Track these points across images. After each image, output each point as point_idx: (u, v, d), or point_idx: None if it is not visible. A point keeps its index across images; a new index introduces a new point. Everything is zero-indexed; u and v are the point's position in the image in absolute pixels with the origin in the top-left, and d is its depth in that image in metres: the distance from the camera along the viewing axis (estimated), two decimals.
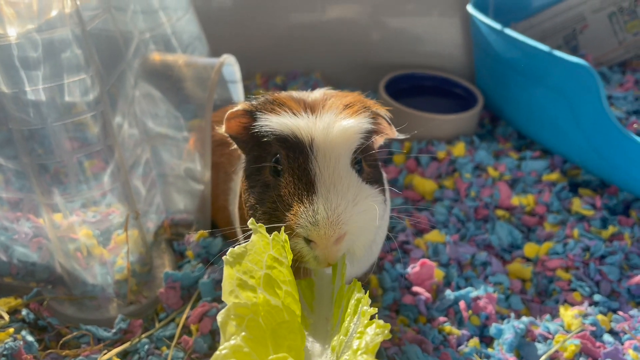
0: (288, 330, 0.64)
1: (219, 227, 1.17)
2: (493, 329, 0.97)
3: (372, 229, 0.77)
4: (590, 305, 1.04)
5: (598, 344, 0.94)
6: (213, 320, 0.95)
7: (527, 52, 1.37)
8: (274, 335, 0.63)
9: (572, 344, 0.93)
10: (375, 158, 0.84)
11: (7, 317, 0.96)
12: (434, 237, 1.20)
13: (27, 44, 0.81)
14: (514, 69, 1.45)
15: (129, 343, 0.93)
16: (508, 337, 0.94)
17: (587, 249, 1.15)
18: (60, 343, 0.93)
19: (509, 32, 1.39)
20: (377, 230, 0.80)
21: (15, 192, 0.94)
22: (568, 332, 0.98)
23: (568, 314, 1.01)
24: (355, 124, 0.76)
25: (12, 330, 0.92)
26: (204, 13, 1.52)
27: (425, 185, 1.36)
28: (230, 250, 0.65)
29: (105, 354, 0.91)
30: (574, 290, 1.08)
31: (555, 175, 1.36)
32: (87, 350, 0.92)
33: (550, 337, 0.96)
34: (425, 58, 1.80)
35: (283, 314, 0.65)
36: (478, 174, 1.39)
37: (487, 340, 0.99)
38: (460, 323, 1.01)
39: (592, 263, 1.11)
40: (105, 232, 0.98)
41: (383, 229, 0.90)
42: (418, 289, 1.05)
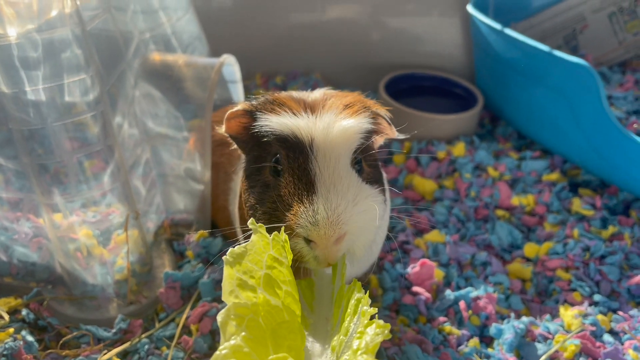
0: (288, 330, 0.64)
1: (219, 227, 1.17)
2: (493, 329, 0.97)
3: (372, 229, 0.77)
4: (590, 305, 1.04)
5: (598, 344, 0.94)
6: (213, 320, 0.95)
7: (527, 52, 1.37)
8: (274, 335, 0.63)
9: (572, 344, 0.93)
10: (375, 158, 0.84)
11: (7, 317, 0.96)
12: (434, 237, 1.20)
13: (27, 44, 0.81)
14: (514, 69, 1.45)
15: (129, 343, 0.93)
16: (508, 337, 0.94)
17: (587, 249, 1.15)
18: (60, 343, 0.93)
19: (509, 32, 1.39)
20: (377, 230, 0.80)
21: (15, 192, 0.94)
22: (568, 332, 0.98)
23: (568, 314, 1.01)
24: (355, 124, 0.76)
25: (12, 330, 0.92)
26: (204, 13, 1.52)
27: (425, 185, 1.36)
28: (230, 250, 0.65)
29: (105, 354, 0.91)
30: (574, 290, 1.08)
31: (555, 175, 1.36)
32: (87, 350, 0.92)
33: (550, 337, 0.96)
34: (425, 58, 1.80)
35: (283, 314, 0.65)
36: (478, 174, 1.39)
37: (487, 340, 0.99)
38: (460, 323, 1.01)
39: (592, 263, 1.11)
40: (105, 232, 0.98)
41: (383, 229, 0.90)
42: (418, 289, 1.05)
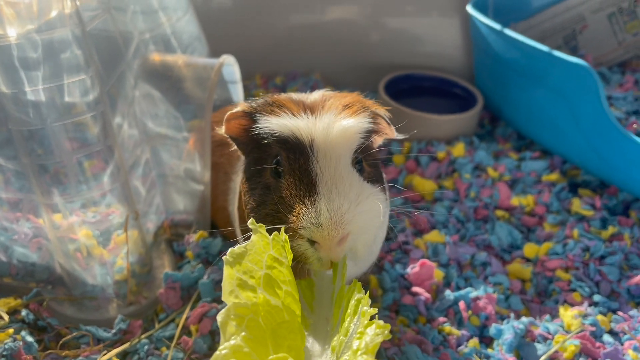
0: (288, 330, 0.64)
1: (219, 227, 1.17)
2: (493, 330, 0.97)
3: (374, 229, 0.77)
4: (590, 306, 1.04)
5: (598, 345, 0.94)
6: (213, 321, 0.95)
7: (526, 52, 1.37)
8: (274, 335, 0.63)
9: (571, 344, 0.93)
10: (375, 158, 0.84)
11: (6, 317, 0.96)
12: (434, 237, 1.20)
13: (27, 45, 0.81)
14: (514, 70, 1.45)
15: (129, 343, 0.93)
16: (508, 337, 0.94)
17: (586, 250, 1.15)
18: (60, 343, 0.93)
19: (509, 32, 1.39)
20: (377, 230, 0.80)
21: (15, 192, 0.94)
22: (568, 332, 0.98)
23: (568, 314, 1.01)
24: (355, 124, 0.76)
25: (11, 331, 0.92)
26: (204, 13, 1.52)
27: (425, 186, 1.36)
28: (230, 250, 0.65)
29: (105, 355, 0.90)
30: (574, 291, 1.08)
31: (555, 176, 1.36)
32: (86, 351, 0.92)
33: (550, 337, 0.96)
34: (425, 58, 1.80)
35: (283, 314, 0.65)
36: (478, 175, 1.39)
37: (486, 341, 0.99)
38: (460, 323, 1.01)
39: (591, 263, 1.11)
40: (105, 232, 0.98)
41: (383, 229, 0.90)
42: (418, 289, 1.05)
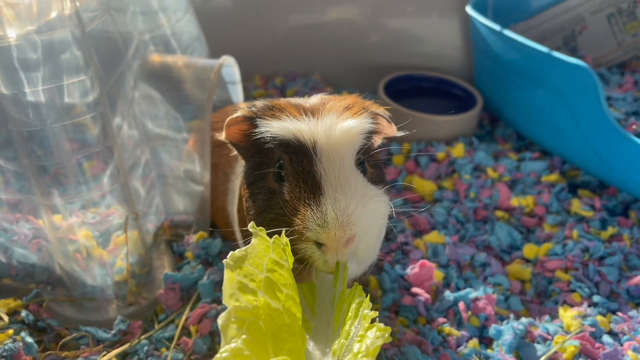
0: (289, 333, 0.64)
1: (219, 227, 1.17)
2: (492, 330, 0.97)
3: (377, 230, 0.77)
4: (590, 306, 1.04)
5: (597, 345, 0.94)
6: (212, 322, 0.95)
7: (526, 53, 1.37)
8: (275, 338, 0.63)
9: (571, 345, 0.93)
10: (377, 159, 0.85)
11: (6, 318, 0.96)
12: (434, 238, 1.20)
13: (26, 46, 0.81)
14: (513, 70, 1.45)
15: (129, 344, 0.93)
16: (507, 338, 0.94)
17: (586, 250, 1.15)
18: (60, 344, 0.93)
19: (508, 33, 1.39)
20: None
21: (15, 193, 0.94)
22: (567, 333, 0.98)
23: (567, 315, 1.01)
24: (357, 124, 0.76)
25: (11, 332, 0.92)
26: (204, 14, 1.52)
27: (425, 186, 1.36)
28: (231, 254, 0.65)
29: (105, 355, 0.90)
30: (573, 291, 1.08)
31: (555, 176, 1.36)
32: (86, 352, 0.92)
33: (550, 338, 0.96)
34: (425, 59, 1.80)
35: (284, 317, 0.65)
36: (477, 175, 1.39)
37: (486, 341, 0.99)
38: (460, 324, 1.01)
39: (591, 264, 1.11)
40: (105, 233, 0.98)
41: (382, 230, 0.90)
42: (417, 290, 1.05)
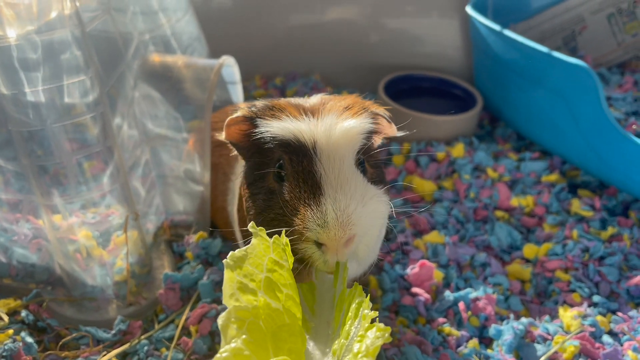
0: (289, 333, 0.64)
1: (219, 227, 1.17)
2: (492, 330, 0.97)
3: (377, 230, 0.77)
4: (590, 306, 1.04)
5: (597, 345, 0.94)
6: (212, 322, 0.95)
7: (526, 53, 1.37)
8: (275, 338, 0.63)
9: (571, 345, 0.93)
10: (377, 159, 0.85)
11: (6, 318, 0.96)
12: (434, 238, 1.20)
13: (26, 46, 0.81)
14: (513, 70, 1.45)
15: (129, 344, 0.93)
16: (507, 338, 0.94)
17: (586, 250, 1.15)
18: (60, 344, 0.93)
19: (508, 33, 1.39)
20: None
21: (15, 193, 0.94)
22: (567, 333, 0.98)
23: (567, 315, 1.01)
24: (357, 124, 0.76)
25: (11, 332, 0.92)
26: (204, 13, 1.52)
27: (425, 186, 1.36)
28: (231, 254, 0.65)
29: (105, 355, 0.90)
30: (573, 291, 1.08)
31: (555, 176, 1.36)
32: (86, 352, 0.92)
33: (550, 338, 0.96)
34: (425, 59, 1.80)
35: (284, 317, 0.65)
36: (477, 175, 1.39)
37: (486, 341, 0.99)
38: (460, 324, 1.01)
39: (591, 264, 1.11)
40: (105, 233, 0.98)
41: (382, 230, 0.90)
42: (417, 290, 1.05)
